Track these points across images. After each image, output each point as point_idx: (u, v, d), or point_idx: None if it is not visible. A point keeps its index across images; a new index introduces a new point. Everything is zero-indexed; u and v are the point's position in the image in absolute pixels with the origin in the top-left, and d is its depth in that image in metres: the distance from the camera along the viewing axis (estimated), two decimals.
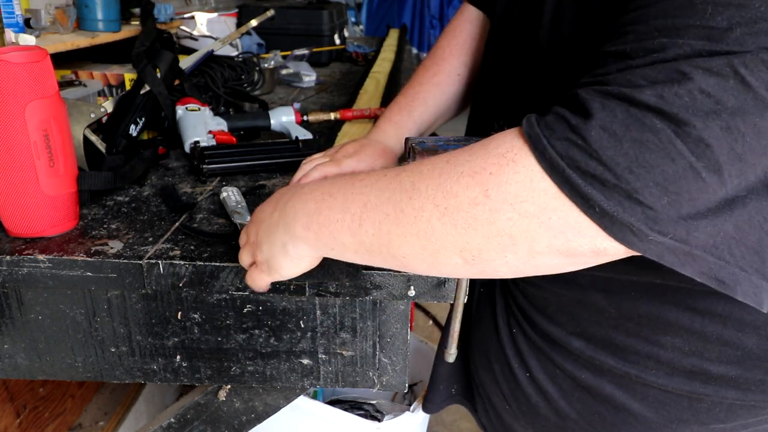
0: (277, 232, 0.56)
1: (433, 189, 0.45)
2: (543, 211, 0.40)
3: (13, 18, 1.09)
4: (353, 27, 2.88)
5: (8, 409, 1.23)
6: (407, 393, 1.58)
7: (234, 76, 1.33)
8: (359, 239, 0.50)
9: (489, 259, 0.44)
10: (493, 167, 0.42)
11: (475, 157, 0.44)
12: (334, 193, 0.52)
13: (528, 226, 0.41)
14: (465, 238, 0.44)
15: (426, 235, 0.46)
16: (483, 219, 0.42)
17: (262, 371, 0.76)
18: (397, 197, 0.47)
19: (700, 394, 0.60)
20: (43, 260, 0.68)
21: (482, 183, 0.42)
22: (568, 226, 0.40)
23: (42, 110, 0.67)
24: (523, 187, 0.41)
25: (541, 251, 0.42)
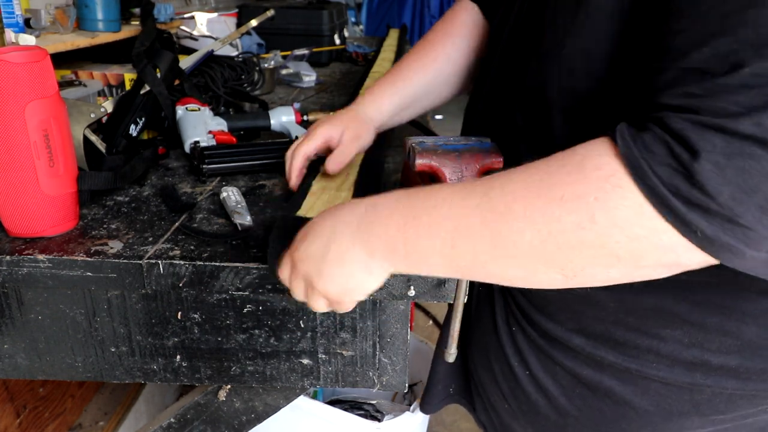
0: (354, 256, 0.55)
1: (533, 212, 0.45)
2: (653, 233, 0.42)
3: (13, 18, 1.09)
4: (353, 27, 2.88)
5: (8, 409, 1.23)
6: (407, 393, 1.58)
7: (234, 76, 1.33)
8: (451, 261, 0.50)
9: (591, 276, 0.46)
10: (599, 193, 0.43)
11: (572, 178, 0.44)
12: (418, 216, 0.52)
13: (637, 247, 0.43)
14: (568, 258, 0.45)
15: (525, 256, 0.46)
16: (589, 242, 0.44)
17: (262, 371, 0.76)
18: (491, 219, 0.47)
19: (700, 386, 0.61)
20: (43, 260, 0.68)
21: (588, 209, 0.43)
22: (676, 246, 0.42)
23: (42, 110, 0.67)
24: (633, 212, 0.42)
25: (646, 265, 0.44)
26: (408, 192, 0.55)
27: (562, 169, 0.45)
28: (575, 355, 0.67)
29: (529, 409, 0.73)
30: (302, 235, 0.60)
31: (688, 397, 0.62)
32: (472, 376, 0.85)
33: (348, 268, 0.56)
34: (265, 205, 0.83)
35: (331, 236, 0.57)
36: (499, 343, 0.75)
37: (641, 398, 0.64)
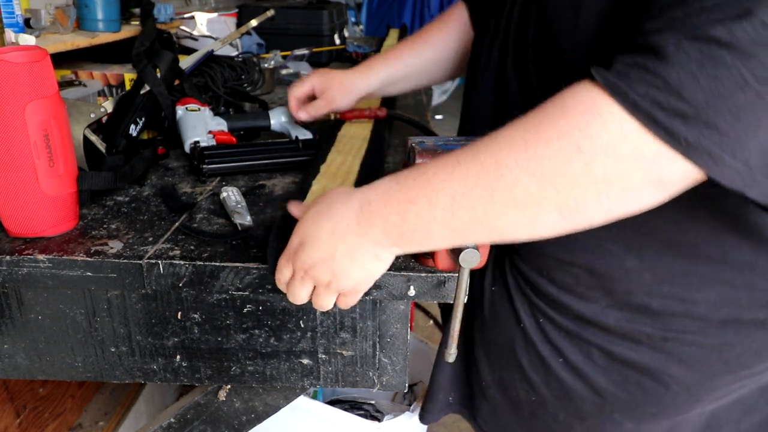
0: (362, 251, 0.58)
1: (524, 160, 0.48)
2: (636, 148, 0.44)
3: (13, 18, 1.09)
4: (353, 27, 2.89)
5: (8, 409, 1.23)
6: (407, 393, 1.58)
7: (234, 76, 1.33)
8: (453, 227, 0.53)
9: (585, 209, 0.48)
10: (581, 124, 0.46)
11: (555, 118, 0.47)
12: (413, 199, 0.54)
13: (623, 167, 0.45)
14: (563, 194, 0.47)
15: (525, 203, 0.49)
16: (580, 173, 0.46)
17: (262, 371, 0.76)
18: (484, 178, 0.50)
19: (731, 343, 0.64)
20: (43, 260, 0.67)
21: (573, 141, 0.46)
22: (659, 156, 0.44)
23: (42, 110, 0.67)
24: (615, 134, 0.45)
25: (634, 187, 0.46)
26: (395, 177, 0.57)
27: (544, 115, 0.49)
28: (610, 333, 0.69)
29: (564, 395, 0.74)
30: (299, 242, 0.61)
31: (718, 357, 0.65)
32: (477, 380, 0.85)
33: (359, 261, 0.58)
34: (265, 205, 0.83)
35: (334, 237, 0.58)
36: (525, 337, 0.75)
37: (677, 366, 0.66)
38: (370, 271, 0.60)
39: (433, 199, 0.53)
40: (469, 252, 0.60)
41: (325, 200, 0.61)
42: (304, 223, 0.61)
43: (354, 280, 0.60)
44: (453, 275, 0.67)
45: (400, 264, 0.68)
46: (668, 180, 0.46)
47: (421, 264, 0.69)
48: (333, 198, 0.61)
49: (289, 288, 0.63)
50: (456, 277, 0.66)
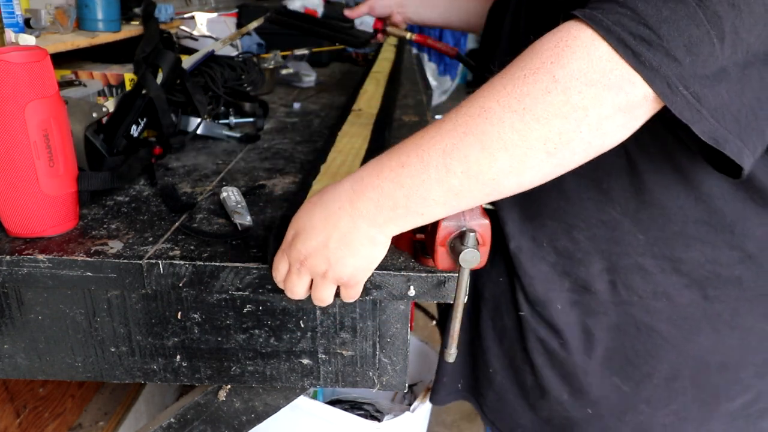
0: (357, 235, 0.57)
1: (505, 99, 0.50)
2: (604, 73, 0.48)
3: (13, 18, 1.09)
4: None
5: (8, 409, 1.23)
6: (407, 393, 1.58)
7: (234, 76, 1.33)
8: (449, 186, 0.53)
9: (568, 141, 0.50)
10: (552, 57, 0.49)
11: (529, 59, 0.51)
12: (405, 162, 0.54)
13: (595, 92, 0.48)
14: (547, 126, 0.50)
15: (513, 143, 0.51)
16: (558, 101, 0.49)
17: (262, 371, 0.76)
18: (472, 126, 0.52)
19: (711, 299, 0.71)
20: (43, 260, 0.68)
21: (548, 72, 0.49)
22: (624, 81, 0.48)
23: (42, 110, 0.67)
24: (584, 59, 0.48)
25: (607, 113, 0.49)
26: (385, 152, 0.57)
27: (518, 60, 0.52)
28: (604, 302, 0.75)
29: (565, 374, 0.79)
30: (294, 234, 0.61)
31: (702, 313, 0.71)
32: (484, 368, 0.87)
33: (354, 245, 0.58)
34: (265, 205, 0.83)
35: (327, 223, 0.58)
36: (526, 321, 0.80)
37: (667, 324, 0.73)
38: (367, 257, 0.59)
39: (425, 158, 0.53)
40: (469, 252, 0.60)
41: (319, 192, 0.61)
42: (298, 215, 0.61)
43: (351, 268, 0.59)
44: (453, 275, 0.67)
45: (400, 264, 0.68)
46: (633, 103, 0.49)
47: (421, 264, 0.69)
48: (326, 189, 0.61)
49: (286, 283, 0.63)
50: (456, 277, 0.66)
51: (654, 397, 0.77)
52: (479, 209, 0.63)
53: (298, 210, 0.62)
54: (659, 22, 0.47)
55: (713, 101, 0.50)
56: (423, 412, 1.32)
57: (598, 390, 0.78)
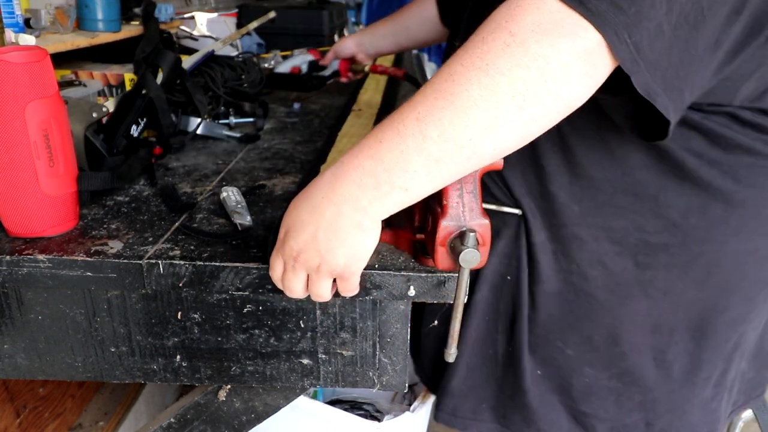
0: (343, 223, 0.57)
1: (468, 60, 0.52)
2: (556, 23, 0.50)
3: (13, 18, 1.09)
4: (353, 27, 2.89)
5: (8, 409, 1.23)
6: (407, 393, 1.58)
7: (234, 76, 1.33)
8: (427, 153, 0.54)
9: (534, 91, 0.51)
10: (507, 16, 0.51)
11: (485, 25, 0.53)
12: (382, 138, 0.55)
13: (552, 41, 0.50)
14: (512, 78, 0.51)
15: (482, 98, 0.52)
16: (519, 52, 0.50)
17: (262, 371, 0.76)
18: (440, 90, 0.53)
19: (642, 266, 0.76)
20: (43, 260, 0.68)
21: (504, 29, 0.51)
22: (577, 27, 0.50)
23: (42, 110, 0.67)
24: (536, 13, 0.50)
25: (568, 60, 0.51)
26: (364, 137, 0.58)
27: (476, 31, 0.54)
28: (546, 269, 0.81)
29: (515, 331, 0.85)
30: (285, 232, 0.61)
31: (634, 280, 0.77)
32: None
33: (342, 234, 0.57)
34: (265, 205, 0.83)
35: (314, 215, 0.58)
36: None
37: (602, 290, 0.78)
38: (356, 245, 0.58)
39: (400, 129, 0.54)
40: (469, 252, 0.60)
41: (305, 188, 0.61)
42: (287, 212, 0.62)
43: (342, 258, 0.58)
44: (453, 275, 0.67)
45: (400, 264, 0.68)
46: (590, 49, 0.51)
47: (421, 264, 0.69)
48: (310, 183, 0.61)
49: (283, 281, 0.62)
50: (456, 277, 0.66)
51: (596, 360, 0.82)
52: (479, 209, 0.63)
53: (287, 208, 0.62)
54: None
55: (649, 55, 0.52)
56: (423, 412, 1.32)
57: (544, 351, 0.84)
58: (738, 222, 0.73)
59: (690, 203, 0.72)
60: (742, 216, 0.73)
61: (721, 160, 0.70)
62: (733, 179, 0.71)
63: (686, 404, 0.84)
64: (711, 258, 0.75)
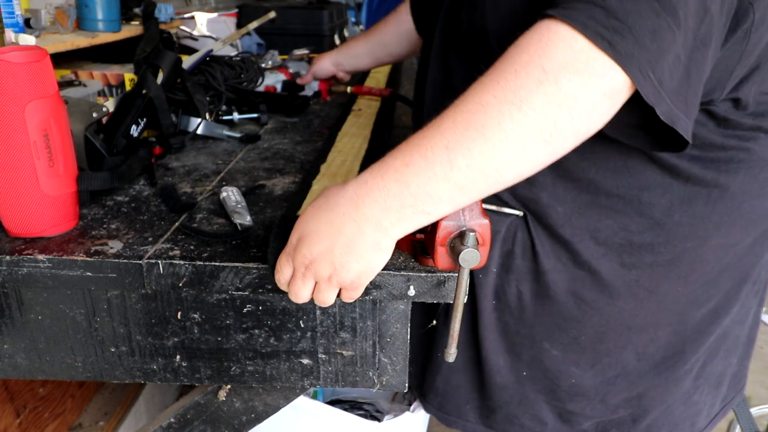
0: (362, 241, 0.58)
1: (501, 93, 0.53)
2: (588, 62, 0.51)
3: (13, 18, 1.09)
4: (353, 27, 2.88)
5: (8, 409, 1.23)
6: (407, 393, 1.58)
7: (233, 74, 1.33)
8: (454, 181, 0.55)
9: (562, 127, 0.53)
10: (539, 51, 0.52)
11: (515, 56, 0.54)
12: (409, 162, 0.56)
13: (584, 80, 0.52)
14: (543, 115, 0.52)
15: (513, 133, 0.53)
16: (552, 90, 0.52)
17: (262, 371, 0.76)
18: (472, 120, 0.54)
19: (628, 266, 0.77)
20: (43, 260, 0.68)
21: (538, 65, 0.52)
22: (607, 68, 0.52)
23: (42, 110, 0.67)
24: (568, 51, 0.52)
25: (594, 99, 0.52)
26: (385, 156, 0.58)
27: (506, 57, 0.55)
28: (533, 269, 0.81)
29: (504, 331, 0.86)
30: (298, 238, 0.61)
31: (621, 281, 0.78)
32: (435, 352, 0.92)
33: (359, 251, 0.58)
34: (265, 205, 0.83)
35: (332, 228, 0.58)
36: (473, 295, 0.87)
37: (589, 291, 0.79)
38: (371, 261, 0.59)
39: (428, 156, 0.55)
40: (469, 252, 0.60)
41: (323, 195, 0.61)
42: (303, 219, 0.61)
43: (355, 273, 0.59)
44: (453, 275, 0.67)
45: (400, 264, 0.68)
46: (616, 89, 0.53)
47: (421, 264, 0.69)
48: (329, 192, 0.61)
49: (290, 287, 0.63)
50: (456, 276, 0.66)
51: (582, 360, 0.82)
52: (479, 209, 0.63)
53: (302, 213, 0.62)
54: (626, 14, 0.52)
55: (669, 84, 0.54)
56: (423, 412, 1.32)
57: (530, 353, 0.84)
58: (719, 217, 0.74)
59: (672, 200, 0.74)
60: (723, 210, 0.74)
61: (700, 156, 0.72)
62: (714, 173, 0.72)
63: (669, 398, 0.85)
64: (694, 255, 0.76)
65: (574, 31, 0.52)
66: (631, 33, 0.52)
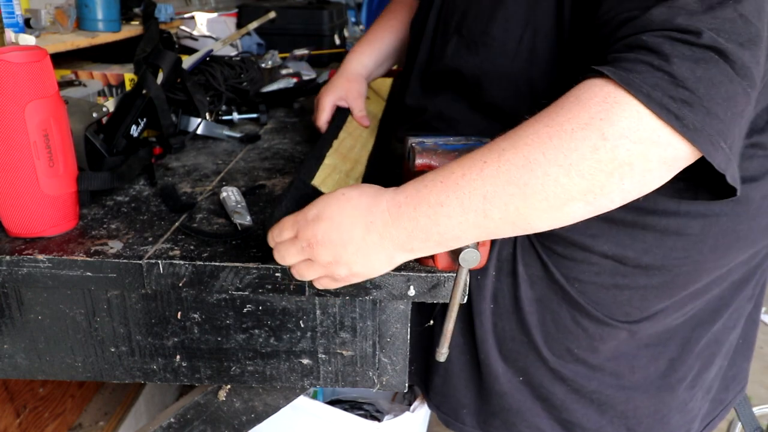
0: (378, 252, 0.58)
1: (552, 153, 0.51)
2: (653, 132, 0.49)
3: (13, 18, 1.09)
4: (353, 27, 2.89)
5: (8, 409, 1.23)
6: (407, 393, 1.58)
7: (233, 74, 1.33)
8: (484, 228, 0.55)
9: (609, 193, 0.51)
10: (602, 114, 0.50)
11: (575, 111, 0.51)
12: (444, 202, 0.55)
13: (643, 149, 0.49)
14: (590, 182, 0.51)
15: (555, 195, 0.52)
16: (606, 159, 0.50)
17: (262, 371, 0.76)
18: (516, 175, 0.52)
19: (621, 286, 0.76)
20: (43, 260, 0.68)
21: (597, 129, 0.49)
22: (672, 139, 0.49)
23: (42, 110, 0.67)
24: (634, 120, 0.49)
25: (652, 168, 0.50)
26: (423, 180, 0.58)
27: (562, 110, 0.52)
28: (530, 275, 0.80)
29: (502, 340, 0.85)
30: (315, 215, 0.60)
31: (611, 299, 0.77)
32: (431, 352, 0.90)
33: (370, 259, 0.59)
34: (265, 205, 0.83)
35: (354, 228, 0.58)
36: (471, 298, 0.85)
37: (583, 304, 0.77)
38: (376, 270, 0.60)
39: (465, 202, 0.54)
40: (469, 252, 0.60)
41: (355, 189, 0.61)
42: (329, 199, 0.61)
43: (353, 272, 0.60)
44: (452, 275, 0.67)
45: (399, 264, 0.68)
46: (679, 158, 0.50)
47: (421, 264, 0.69)
48: (363, 190, 0.61)
49: (280, 248, 0.62)
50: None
51: (578, 372, 0.81)
52: None
53: (329, 194, 0.62)
54: (696, 82, 0.48)
55: (737, 145, 0.52)
56: (423, 412, 1.32)
57: (526, 361, 0.83)
58: (714, 240, 0.72)
59: (669, 224, 0.71)
60: (719, 233, 0.72)
61: None
62: None
63: (664, 408, 0.84)
64: (688, 277, 0.75)
65: (637, 101, 0.49)
66: (702, 104, 0.49)
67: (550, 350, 0.81)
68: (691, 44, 0.49)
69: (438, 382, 0.92)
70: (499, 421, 0.88)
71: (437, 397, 0.93)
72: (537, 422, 0.86)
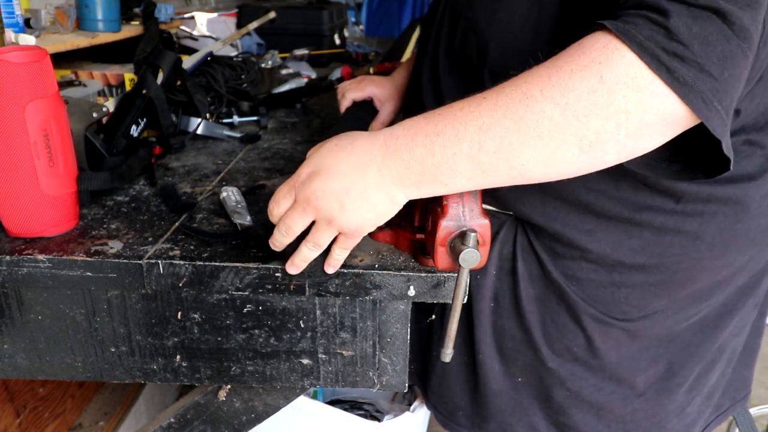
0: (380, 190, 0.58)
1: (549, 90, 0.51)
2: (651, 82, 0.48)
3: (13, 18, 1.09)
4: (353, 27, 2.89)
5: (8, 409, 1.23)
6: (407, 393, 1.58)
7: (234, 75, 1.33)
8: (478, 161, 0.54)
9: (604, 142, 0.51)
10: (601, 57, 0.50)
11: (576, 55, 0.51)
12: (441, 131, 0.55)
13: (640, 99, 0.49)
14: (586, 125, 0.50)
15: (549, 134, 0.51)
16: (602, 102, 0.49)
17: (262, 371, 0.76)
18: (512, 109, 0.52)
19: (618, 284, 0.75)
20: (43, 260, 0.68)
21: (596, 72, 0.49)
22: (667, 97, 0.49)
23: (42, 110, 0.67)
24: (632, 67, 0.49)
25: (649, 120, 0.50)
26: (422, 115, 0.58)
27: (564, 55, 0.52)
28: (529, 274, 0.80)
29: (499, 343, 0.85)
30: (311, 172, 0.59)
31: (610, 298, 0.77)
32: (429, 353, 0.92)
33: (374, 200, 0.58)
34: (265, 205, 0.83)
35: (354, 170, 0.58)
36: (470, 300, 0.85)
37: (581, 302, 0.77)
38: (381, 212, 0.59)
39: (461, 131, 0.54)
40: (469, 252, 0.60)
41: (346, 137, 0.60)
42: (318, 154, 0.60)
43: (361, 219, 0.59)
44: (453, 275, 0.67)
45: (400, 264, 0.68)
46: (676, 117, 0.50)
47: (421, 264, 0.69)
48: (355, 136, 0.60)
49: (285, 218, 0.61)
50: (456, 277, 0.66)
51: (576, 373, 0.81)
52: (479, 209, 0.63)
53: (314, 150, 0.61)
54: (691, 38, 0.48)
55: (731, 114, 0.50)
56: (423, 412, 1.32)
57: (525, 358, 0.83)
58: (712, 238, 0.72)
59: (666, 222, 0.71)
60: (716, 231, 0.72)
61: None
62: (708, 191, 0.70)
63: (662, 411, 0.84)
64: (686, 275, 0.75)
65: (630, 50, 0.49)
66: (695, 60, 0.48)
67: (550, 349, 0.81)
68: (690, 4, 0.49)
69: (435, 382, 0.92)
70: (495, 424, 0.88)
71: (435, 397, 0.93)
72: (533, 424, 0.86)
